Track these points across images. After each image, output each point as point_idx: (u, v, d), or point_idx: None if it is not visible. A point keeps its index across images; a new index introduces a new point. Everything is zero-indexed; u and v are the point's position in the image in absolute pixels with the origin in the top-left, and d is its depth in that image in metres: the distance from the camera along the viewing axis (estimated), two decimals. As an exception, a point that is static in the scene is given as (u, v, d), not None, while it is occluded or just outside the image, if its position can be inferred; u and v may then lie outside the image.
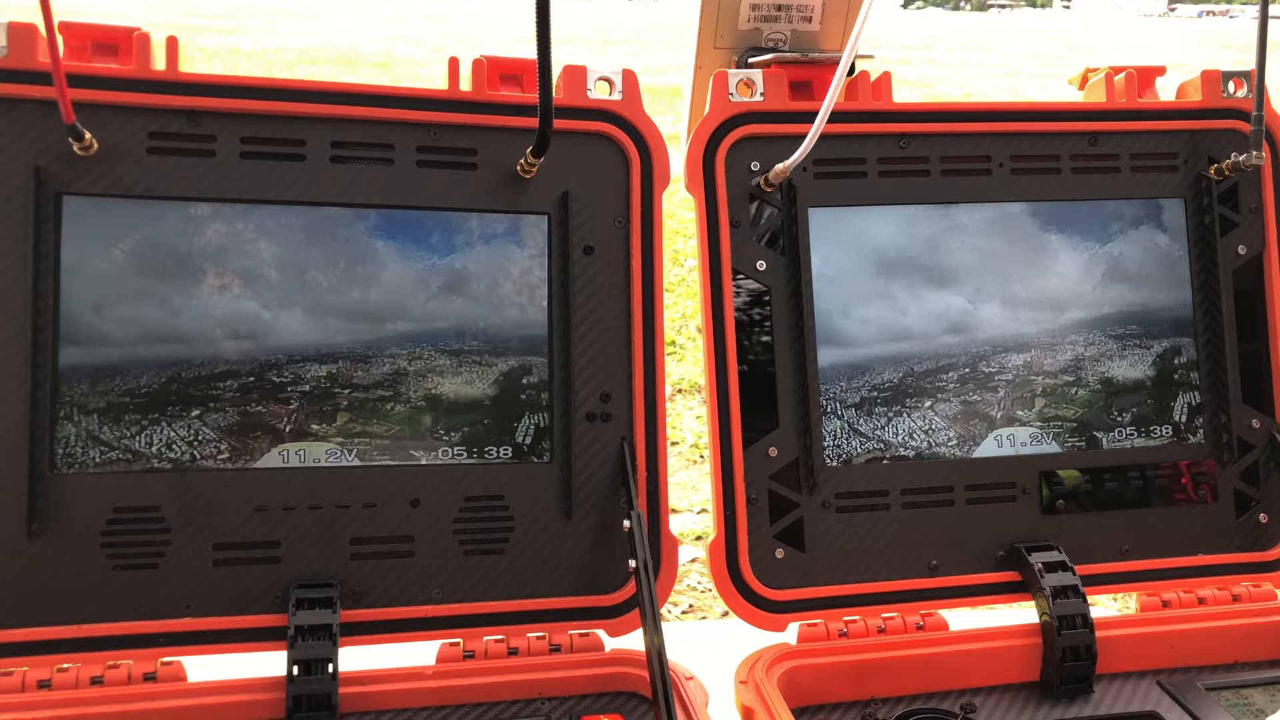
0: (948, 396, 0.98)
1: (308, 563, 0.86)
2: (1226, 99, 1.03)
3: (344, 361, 0.88)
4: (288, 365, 0.87)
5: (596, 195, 0.93)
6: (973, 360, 0.98)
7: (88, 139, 0.81)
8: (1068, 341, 1.00)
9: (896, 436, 0.96)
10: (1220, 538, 1.01)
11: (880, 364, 0.97)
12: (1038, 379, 0.99)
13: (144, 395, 0.84)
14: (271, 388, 0.86)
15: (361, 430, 0.88)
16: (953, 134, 0.99)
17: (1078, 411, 0.99)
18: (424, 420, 0.89)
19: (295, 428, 0.87)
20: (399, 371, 0.89)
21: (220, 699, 0.82)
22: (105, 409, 0.84)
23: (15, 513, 0.81)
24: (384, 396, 0.88)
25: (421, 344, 0.89)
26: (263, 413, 0.86)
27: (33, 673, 0.81)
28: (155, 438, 0.85)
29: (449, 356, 0.90)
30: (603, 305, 0.93)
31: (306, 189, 0.88)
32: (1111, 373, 1.01)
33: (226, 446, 0.86)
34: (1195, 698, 0.90)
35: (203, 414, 0.85)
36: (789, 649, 0.91)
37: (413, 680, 0.86)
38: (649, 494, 0.92)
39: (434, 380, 0.89)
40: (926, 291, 0.98)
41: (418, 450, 0.89)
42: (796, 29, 1.03)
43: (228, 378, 0.86)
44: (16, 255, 0.82)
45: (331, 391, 0.87)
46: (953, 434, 0.97)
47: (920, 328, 0.98)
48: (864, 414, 0.96)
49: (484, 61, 0.91)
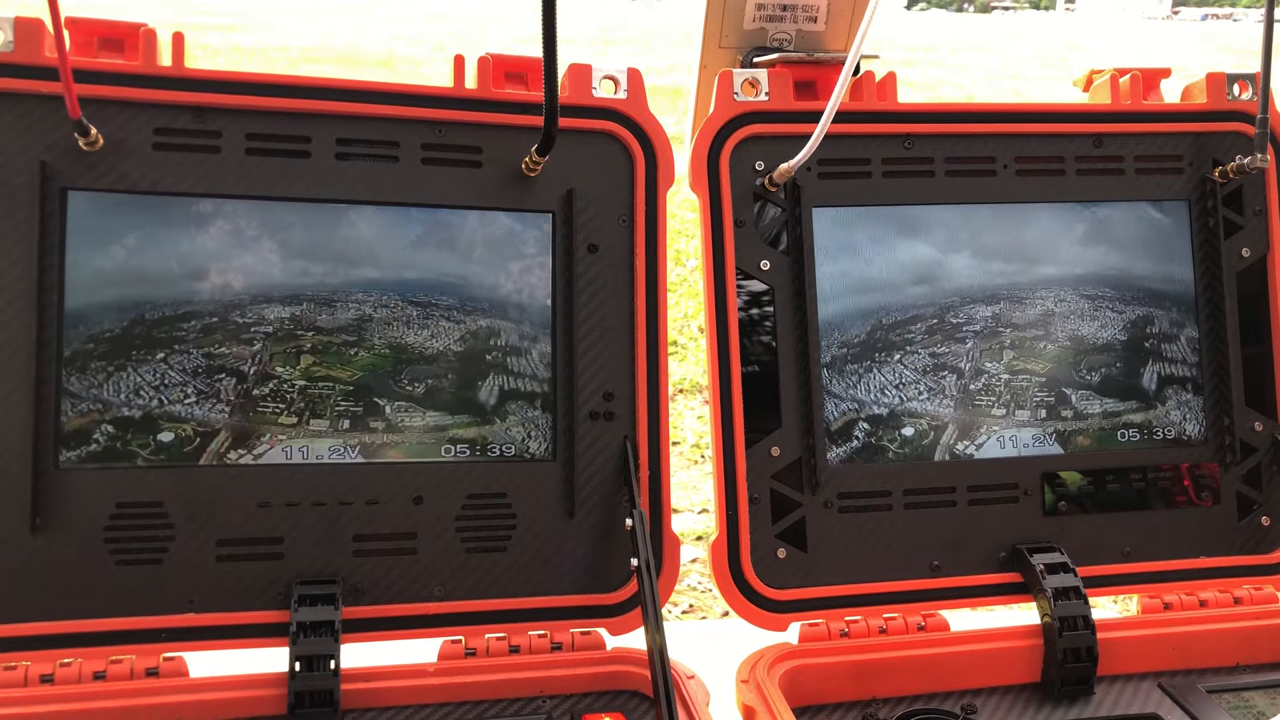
0: (915, 349, 0.97)
1: (310, 559, 0.86)
2: (1231, 101, 1.03)
3: (306, 305, 0.87)
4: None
5: (601, 194, 0.93)
6: (941, 311, 0.98)
7: (93, 134, 0.81)
8: (1038, 296, 1.00)
9: (868, 394, 0.96)
10: (1222, 540, 1.01)
11: (849, 321, 0.96)
12: (1006, 331, 0.99)
13: (107, 341, 0.84)
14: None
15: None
16: (958, 135, 0.99)
17: (1046, 366, 0.99)
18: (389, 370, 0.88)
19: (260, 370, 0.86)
20: (364, 320, 0.88)
21: (222, 695, 0.82)
22: (70, 357, 0.83)
23: (19, 508, 0.81)
24: (348, 342, 0.88)
25: (401, 299, 0.89)
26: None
27: (35, 667, 0.81)
28: (123, 385, 0.84)
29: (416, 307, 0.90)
30: (606, 304, 0.93)
31: (311, 186, 0.88)
32: (1082, 331, 1.00)
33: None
34: (1196, 700, 0.90)
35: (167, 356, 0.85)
36: (790, 648, 0.91)
37: (414, 677, 0.86)
38: (651, 493, 0.92)
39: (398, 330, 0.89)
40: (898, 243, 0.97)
41: (421, 447, 0.89)
42: (801, 29, 1.03)
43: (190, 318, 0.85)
44: (22, 250, 0.82)
45: (295, 334, 0.87)
46: (923, 387, 0.97)
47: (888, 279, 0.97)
48: (835, 373, 0.96)
49: (490, 59, 0.91)
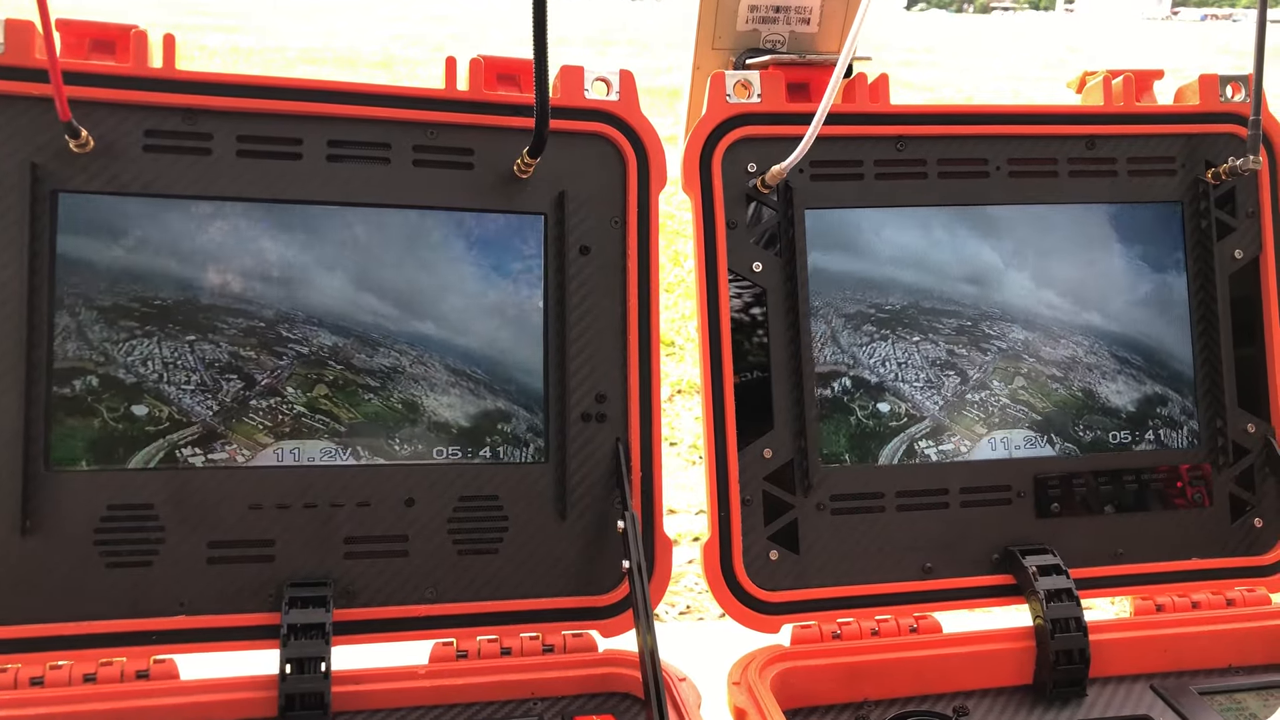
0: (937, 340, 0.98)
1: (301, 561, 0.86)
2: (1224, 103, 1.03)
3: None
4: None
5: (593, 196, 0.93)
6: (975, 317, 0.99)
7: (84, 136, 0.81)
8: (1074, 340, 1.00)
9: (870, 358, 0.96)
10: (1215, 542, 1.01)
11: (892, 287, 0.97)
12: (1029, 360, 0.99)
13: (153, 307, 0.85)
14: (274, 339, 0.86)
15: (349, 422, 0.88)
16: (950, 136, 0.99)
17: (1048, 407, 0.99)
18: (398, 420, 0.89)
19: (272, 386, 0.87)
20: (395, 371, 0.89)
21: (213, 697, 0.82)
22: (108, 309, 0.84)
23: (9, 510, 0.81)
24: (369, 386, 0.89)
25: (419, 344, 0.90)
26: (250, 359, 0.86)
27: (26, 670, 0.81)
28: (139, 350, 0.84)
29: (442, 366, 0.90)
30: (599, 306, 0.93)
31: (303, 188, 0.88)
32: (1099, 385, 1.00)
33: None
34: (1188, 702, 0.90)
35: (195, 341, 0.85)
36: (782, 650, 0.91)
37: (406, 680, 0.86)
38: (643, 495, 0.92)
39: (423, 387, 0.89)
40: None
41: (413, 449, 0.89)
42: (794, 30, 1.03)
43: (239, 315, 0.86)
44: (12, 252, 0.82)
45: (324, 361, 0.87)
46: (921, 379, 0.97)
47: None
48: (850, 326, 0.96)
49: (481, 61, 0.91)
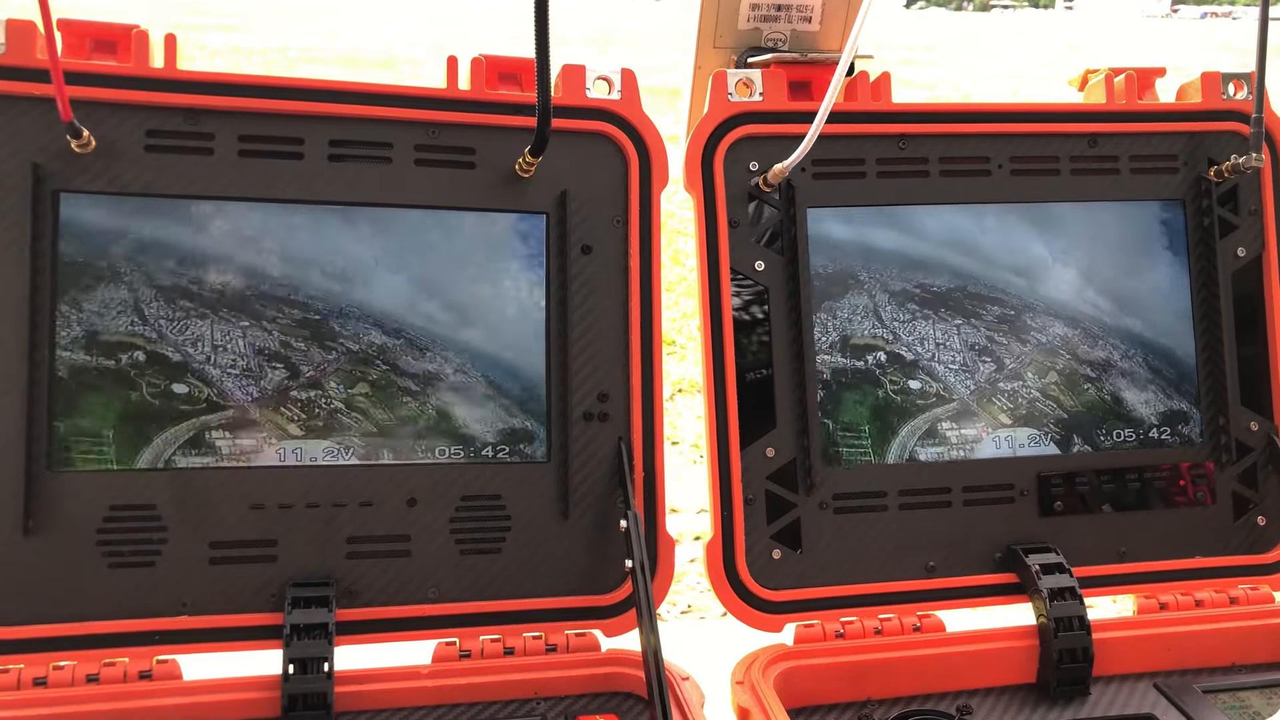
0: (979, 326, 0.98)
1: (304, 561, 0.86)
2: (1226, 101, 1.03)
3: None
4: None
5: (595, 195, 0.93)
6: (1019, 308, 0.99)
7: (86, 136, 0.81)
8: (1111, 343, 1.01)
9: (909, 335, 0.97)
10: (1218, 540, 1.01)
11: (941, 269, 0.98)
12: (1065, 358, 0.99)
13: (213, 291, 0.86)
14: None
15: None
16: (952, 135, 0.98)
17: (1074, 405, 0.99)
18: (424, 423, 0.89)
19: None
20: (434, 378, 0.90)
21: (216, 697, 0.82)
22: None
23: (11, 510, 0.81)
24: (409, 390, 0.89)
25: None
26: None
27: (28, 670, 0.81)
28: (191, 330, 0.85)
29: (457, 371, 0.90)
30: (601, 305, 0.92)
31: (305, 188, 0.88)
32: (1127, 391, 1.01)
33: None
34: (1192, 700, 0.90)
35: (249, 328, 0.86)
36: (786, 650, 0.90)
37: (408, 680, 0.86)
38: (646, 494, 0.92)
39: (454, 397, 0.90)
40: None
41: (415, 449, 0.89)
42: (796, 29, 1.03)
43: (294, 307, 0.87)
44: (14, 253, 0.82)
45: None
46: (957, 361, 0.97)
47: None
48: (895, 302, 0.97)
49: (483, 60, 0.91)
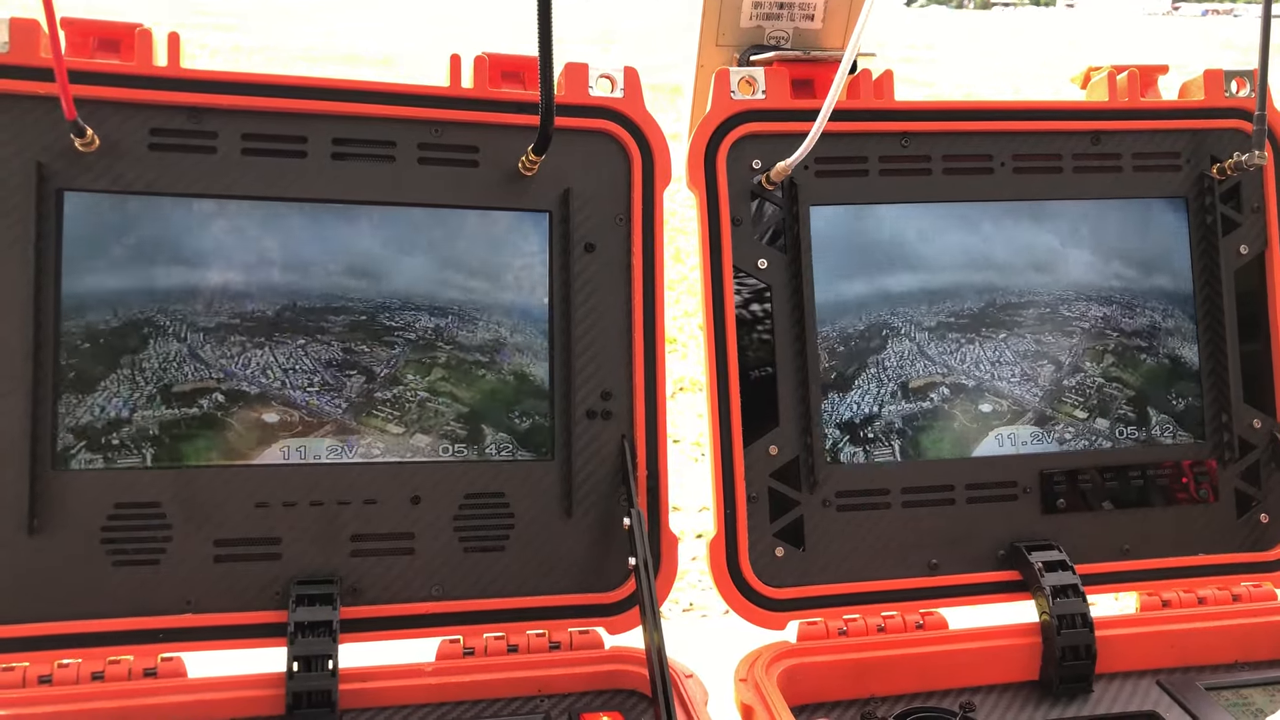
0: (1022, 333, 0.98)
1: (308, 559, 0.86)
2: (1229, 98, 1.03)
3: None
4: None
5: (598, 193, 0.93)
6: (1052, 302, 0.99)
7: (89, 135, 0.81)
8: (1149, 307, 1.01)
9: (961, 364, 0.97)
10: (1221, 538, 1.01)
11: (964, 291, 0.98)
12: (1113, 335, 1.00)
13: (254, 320, 0.86)
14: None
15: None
16: (954, 133, 0.99)
17: (1139, 380, 1.00)
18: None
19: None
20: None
21: (220, 695, 0.82)
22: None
23: (16, 509, 0.81)
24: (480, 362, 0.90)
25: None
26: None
27: (34, 668, 0.81)
28: (254, 360, 0.86)
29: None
30: (604, 303, 0.93)
31: (308, 186, 0.88)
32: (1183, 350, 1.01)
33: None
34: (1195, 697, 0.90)
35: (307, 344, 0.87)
36: (789, 647, 0.91)
37: (412, 677, 0.86)
38: (649, 492, 0.92)
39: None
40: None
41: (418, 447, 0.89)
42: (798, 27, 1.03)
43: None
44: (18, 251, 0.82)
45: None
46: (1016, 373, 0.98)
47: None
48: (936, 338, 0.97)
49: (486, 59, 0.91)
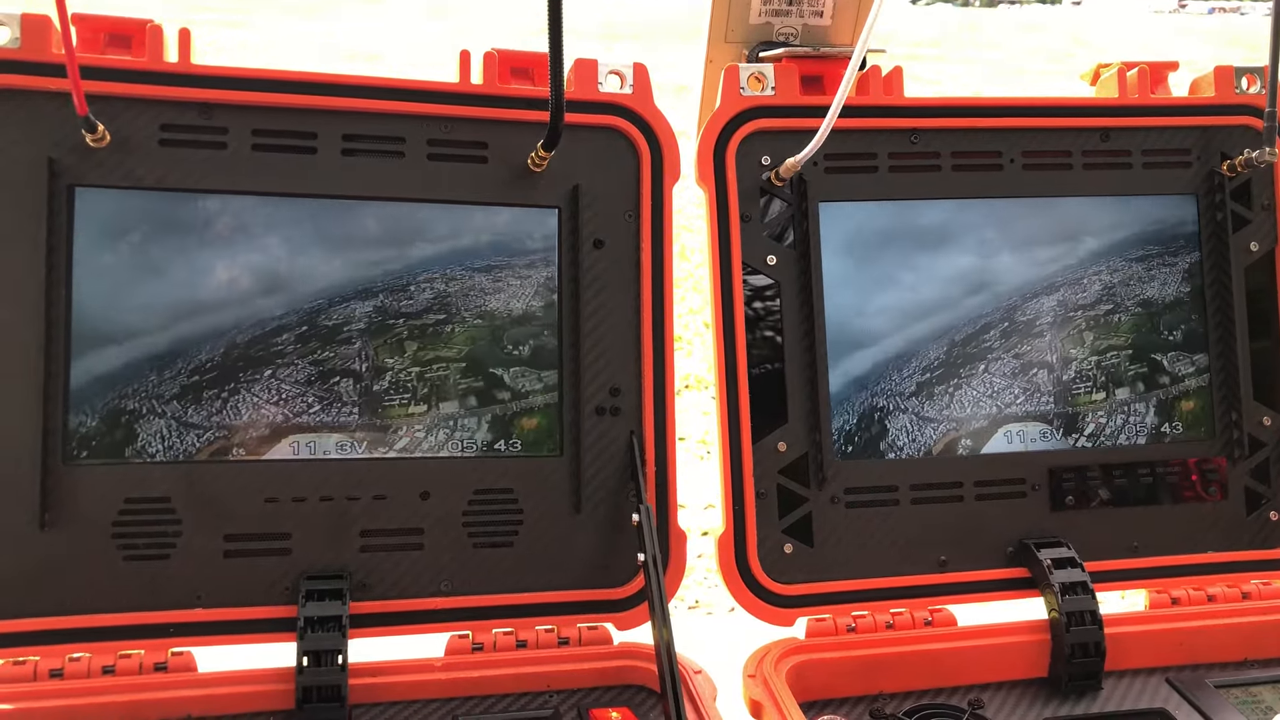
0: (1000, 354, 0.97)
1: (318, 554, 0.87)
2: (1240, 95, 1.03)
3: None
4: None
5: (607, 189, 0.93)
6: (1004, 315, 0.98)
7: (100, 131, 0.81)
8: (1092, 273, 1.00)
9: (966, 409, 0.96)
10: (1230, 535, 1.01)
11: (922, 346, 0.96)
12: (1078, 316, 0.99)
13: (212, 370, 0.85)
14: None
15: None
16: (964, 129, 0.98)
17: (1128, 340, 0.99)
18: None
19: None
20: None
21: (230, 689, 0.83)
22: (180, 393, 0.85)
23: (28, 503, 0.82)
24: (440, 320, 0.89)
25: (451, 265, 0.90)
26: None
27: (44, 662, 0.81)
28: (243, 405, 0.86)
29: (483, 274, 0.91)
30: (612, 299, 0.93)
31: (318, 182, 0.88)
32: (1149, 294, 1.00)
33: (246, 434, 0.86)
34: (1204, 695, 0.90)
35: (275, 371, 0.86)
36: (797, 644, 0.91)
37: (422, 672, 0.86)
38: (658, 488, 0.92)
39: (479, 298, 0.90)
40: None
41: (428, 443, 0.89)
42: (808, 23, 1.03)
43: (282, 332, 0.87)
44: (30, 247, 0.82)
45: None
46: (1020, 392, 0.97)
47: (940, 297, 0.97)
48: (925, 398, 0.96)
49: (495, 55, 0.91)
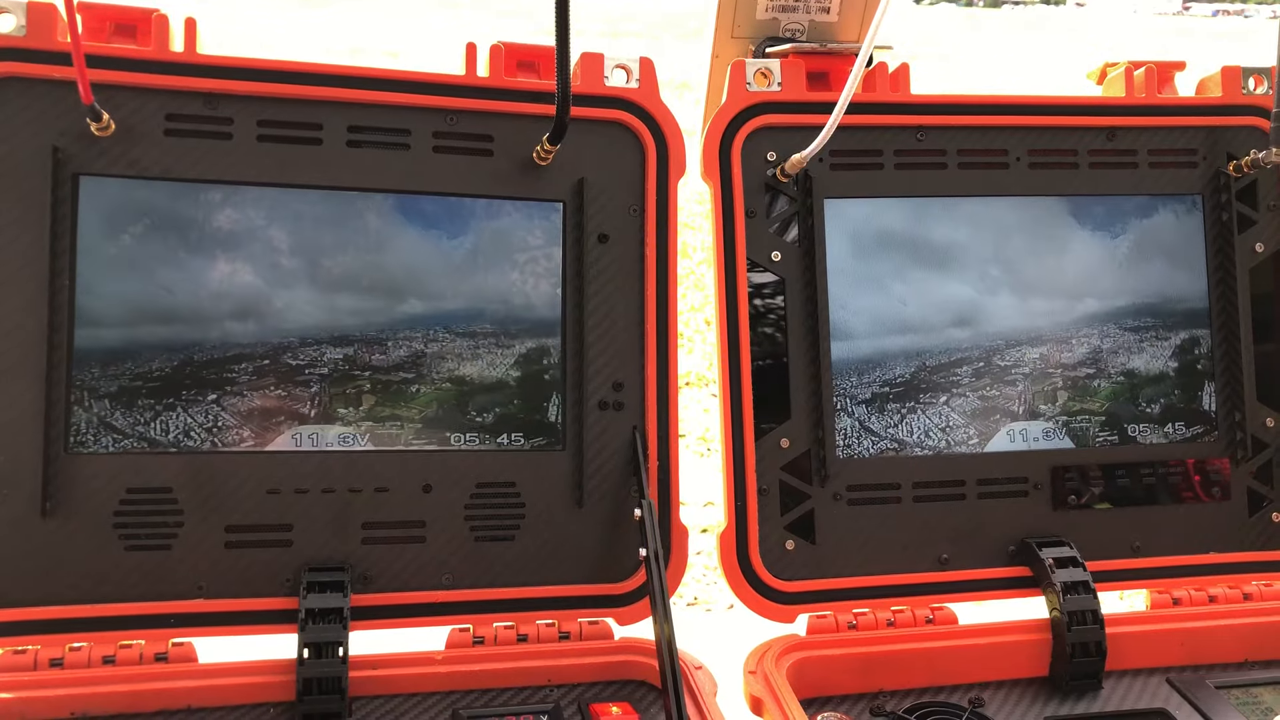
0: (964, 392, 0.97)
1: (319, 546, 0.86)
2: (1246, 95, 1.03)
3: (358, 345, 0.88)
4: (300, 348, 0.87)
5: (612, 183, 0.93)
6: (983, 355, 0.97)
7: (105, 120, 0.81)
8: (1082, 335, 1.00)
9: (911, 435, 0.96)
10: (1232, 536, 1.01)
11: (889, 359, 0.96)
12: (1055, 372, 0.98)
13: (156, 380, 0.84)
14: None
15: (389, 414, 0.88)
16: (970, 127, 0.98)
17: (1103, 405, 0.98)
18: (448, 402, 0.89)
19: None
20: (416, 354, 0.89)
21: (231, 680, 0.83)
22: (118, 393, 0.84)
23: (29, 492, 0.82)
24: (406, 379, 0.88)
25: (434, 327, 0.90)
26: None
27: (45, 651, 0.81)
28: (171, 424, 0.85)
29: (464, 339, 0.90)
30: (616, 293, 0.92)
31: (323, 173, 0.88)
32: (1132, 365, 1.00)
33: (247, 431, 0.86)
34: (1205, 695, 0.90)
35: (220, 398, 0.86)
36: (798, 640, 0.91)
37: (422, 665, 0.86)
38: (660, 483, 0.92)
39: (453, 363, 0.89)
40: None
41: (431, 435, 0.89)
42: (814, 19, 1.03)
43: (241, 360, 0.86)
44: (34, 235, 0.82)
45: (351, 374, 0.87)
46: (974, 434, 0.96)
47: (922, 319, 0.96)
48: (874, 410, 0.95)
49: (501, 48, 0.91)
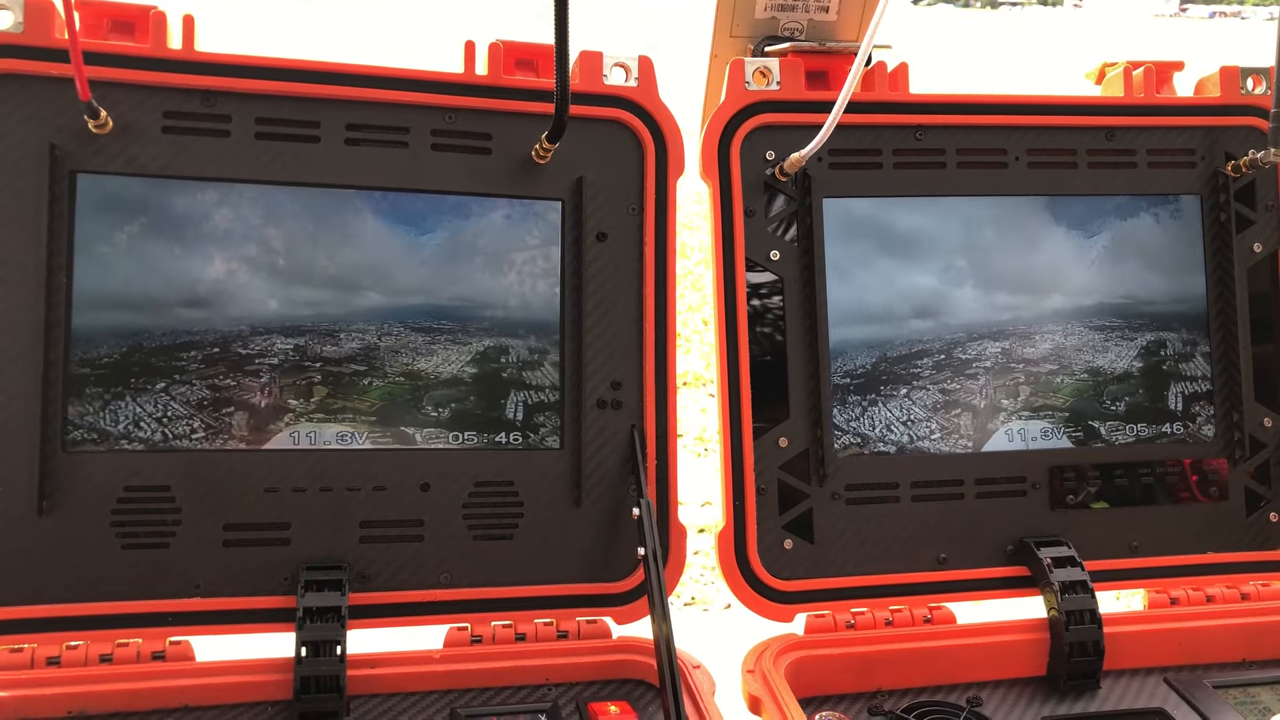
0: (925, 385, 0.96)
1: (317, 545, 0.86)
2: (1245, 95, 1.03)
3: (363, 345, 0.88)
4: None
5: (610, 182, 0.93)
6: (944, 348, 0.96)
7: (103, 117, 0.81)
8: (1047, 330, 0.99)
9: (874, 428, 0.95)
10: (1230, 536, 1.01)
11: (849, 348, 0.95)
12: (1018, 367, 0.98)
13: (105, 367, 0.84)
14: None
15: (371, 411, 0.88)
16: (969, 127, 0.98)
17: (1067, 400, 0.98)
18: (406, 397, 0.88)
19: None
20: (372, 347, 0.88)
21: (228, 679, 0.83)
22: (116, 392, 0.83)
23: (26, 490, 0.81)
24: (359, 371, 0.88)
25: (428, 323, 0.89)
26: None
27: (42, 649, 0.81)
28: (122, 414, 0.84)
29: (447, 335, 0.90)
30: (615, 292, 0.92)
31: (321, 171, 0.88)
32: (1099, 363, 1.00)
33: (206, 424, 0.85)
34: (1202, 695, 0.90)
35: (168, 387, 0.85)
36: (796, 639, 0.90)
37: (420, 664, 0.86)
38: (658, 482, 0.92)
39: (408, 357, 0.89)
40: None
41: (429, 434, 0.89)
42: (813, 18, 1.03)
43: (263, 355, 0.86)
44: (31, 233, 0.82)
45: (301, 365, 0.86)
46: (936, 428, 0.96)
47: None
48: (836, 401, 0.94)
49: (500, 46, 0.91)
